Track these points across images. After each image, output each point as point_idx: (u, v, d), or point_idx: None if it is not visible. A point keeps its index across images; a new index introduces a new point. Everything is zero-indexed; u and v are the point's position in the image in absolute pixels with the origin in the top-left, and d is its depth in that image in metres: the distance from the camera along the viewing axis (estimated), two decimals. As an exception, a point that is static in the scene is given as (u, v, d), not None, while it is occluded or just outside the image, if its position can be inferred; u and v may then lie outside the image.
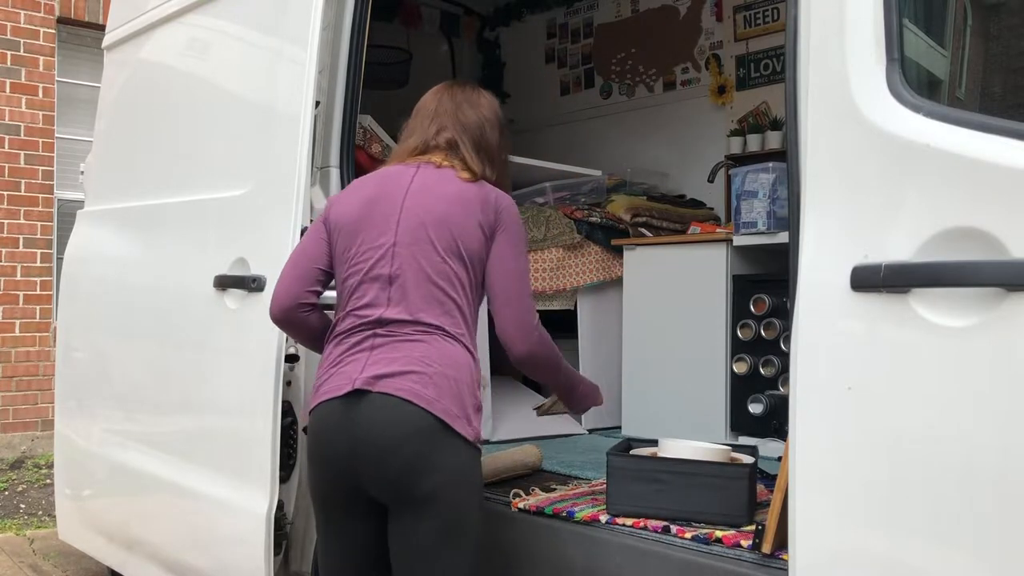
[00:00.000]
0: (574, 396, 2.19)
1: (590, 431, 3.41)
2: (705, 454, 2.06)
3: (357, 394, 1.82)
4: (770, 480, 2.47)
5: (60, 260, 4.37)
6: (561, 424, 3.31)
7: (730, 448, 2.10)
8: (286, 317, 2.03)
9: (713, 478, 2.01)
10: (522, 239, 2.01)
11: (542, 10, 4.71)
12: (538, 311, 2.13)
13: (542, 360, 2.01)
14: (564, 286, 3.44)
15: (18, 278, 6.09)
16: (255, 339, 2.40)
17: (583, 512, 2.09)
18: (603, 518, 2.05)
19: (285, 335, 2.30)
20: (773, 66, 3.79)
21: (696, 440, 2.17)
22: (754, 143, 3.76)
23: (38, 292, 6.16)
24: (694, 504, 1.99)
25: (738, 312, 3.13)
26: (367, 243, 1.94)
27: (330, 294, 2.04)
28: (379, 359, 1.85)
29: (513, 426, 3.22)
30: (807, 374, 1.50)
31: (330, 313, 2.06)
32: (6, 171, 6.04)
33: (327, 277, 2.03)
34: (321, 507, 1.95)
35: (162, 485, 2.79)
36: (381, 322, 1.89)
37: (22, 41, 6.12)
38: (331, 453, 1.87)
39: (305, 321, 2.03)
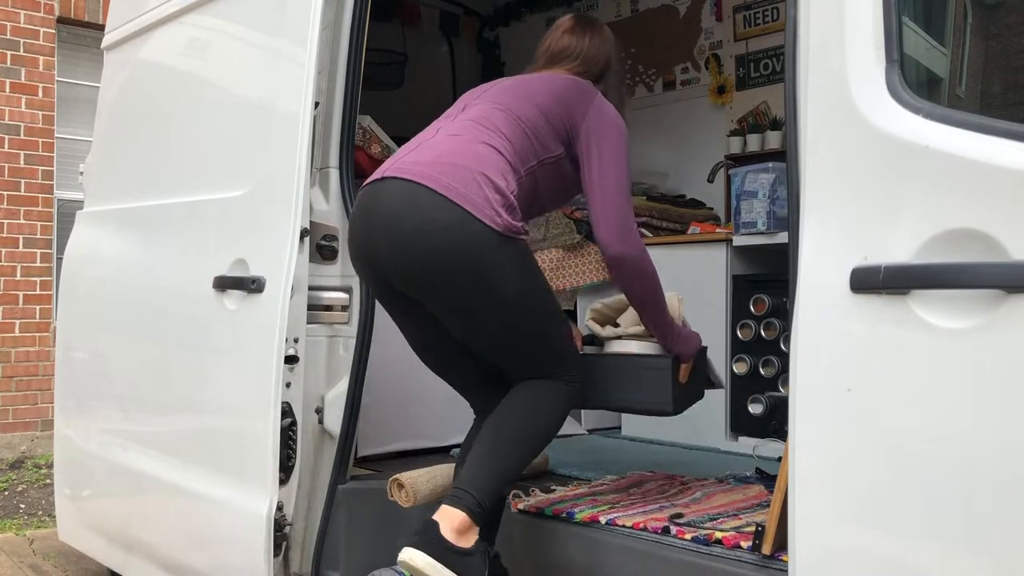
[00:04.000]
0: (671, 336, 2.16)
1: (590, 431, 3.41)
2: (632, 347, 2.18)
3: (382, 181, 1.96)
4: (770, 480, 2.47)
5: (60, 260, 4.36)
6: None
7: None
8: None
9: (637, 369, 2.13)
10: (619, 143, 2.11)
11: (542, 10, 4.70)
12: None
13: (632, 267, 2.08)
14: (564, 286, 3.44)
15: (18, 278, 6.09)
16: (255, 340, 2.40)
17: (583, 513, 2.09)
18: (603, 519, 2.05)
19: (285, 336, 2.31)
20: (773, 66, 3.79)
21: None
22: (754, 143, 3.76)
23: (38, 292, 6.16)
24: (622, 393, 2.13)
25: (738, 312, 3.13)
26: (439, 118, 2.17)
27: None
28: (416, 157, 1.98)
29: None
30: (807, 375, 1.50)
31: None
32: (6, 171, 6.04)
33: None
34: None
35: (162, 486, 2.79)
36: (437, 133, 2.06)
37: (22, 41, 6.12)
38: (354, 247, 2.05)
39: None
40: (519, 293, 1.95)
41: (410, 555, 1.84)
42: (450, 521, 1.86)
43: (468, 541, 1.88)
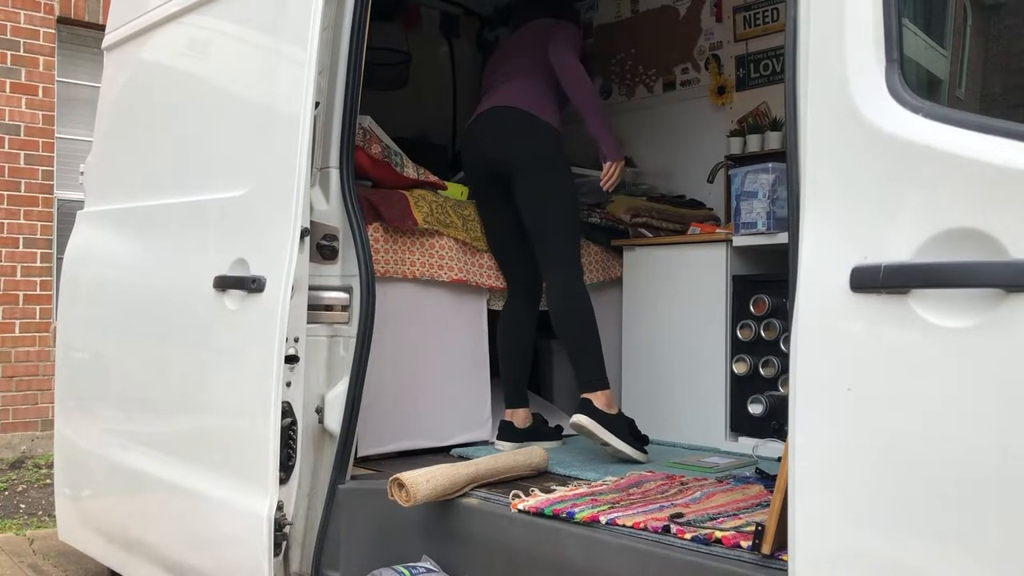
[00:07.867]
0: (608, 135, 3.12)
1: (590, 431, 3.40)
2: None
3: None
4: (770, 480, 2.48)
5: (60, 260, 4.36)
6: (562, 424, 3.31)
7: None
8: None
9: None
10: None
11: (541, 10, 4.69)
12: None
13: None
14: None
15: (18, 278, 6.09)
16: (255, 340, 2.40)
17: (583, 513, 2.09)
18: (603, 519, 2.05)
19: (285, 336, 2.31)
20: (773, 66, 3.79)
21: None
22: (754, 143, 3.76)
23: (38, 292, 6.17)
24: None
25: (738, 312, 3.13)
26: None
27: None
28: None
29: (513, 426, 3.22)
30: (807, 375, 1.50)
31: None
32: (6, 171, 6.05)
33: None
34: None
35: (162, 486, 2.79)
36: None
37: (22, 41, 6.13)
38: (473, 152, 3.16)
39: None
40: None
41: (578, 419, 2.73)
42: (598, 399, 2.79)
43: (613, 410, 2.82)
